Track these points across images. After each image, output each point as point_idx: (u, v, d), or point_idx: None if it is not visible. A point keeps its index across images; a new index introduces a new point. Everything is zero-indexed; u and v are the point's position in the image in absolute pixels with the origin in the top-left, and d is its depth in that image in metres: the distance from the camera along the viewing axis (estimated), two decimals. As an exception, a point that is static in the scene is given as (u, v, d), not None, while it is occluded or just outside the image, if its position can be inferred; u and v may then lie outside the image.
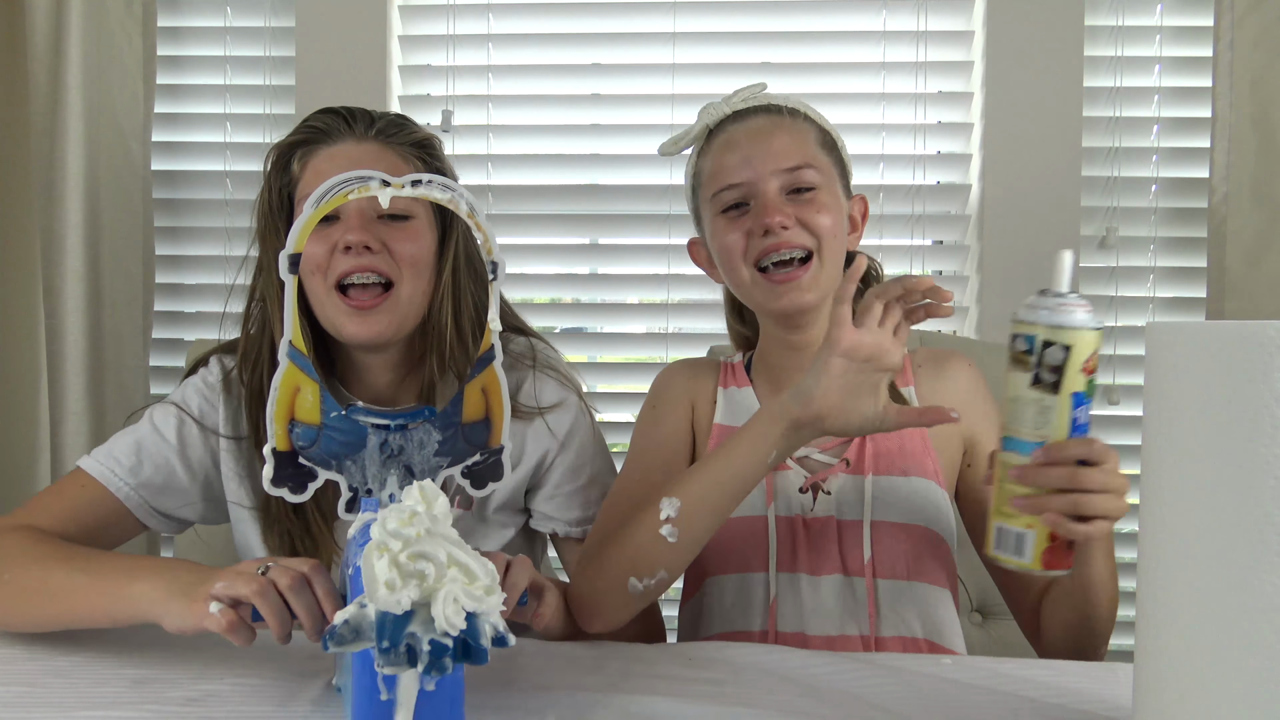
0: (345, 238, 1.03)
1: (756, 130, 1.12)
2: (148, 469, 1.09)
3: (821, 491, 1.12)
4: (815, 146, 1.12)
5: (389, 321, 1.07)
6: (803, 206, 1.09)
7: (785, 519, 1.12)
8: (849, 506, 1.11)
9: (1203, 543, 0.66)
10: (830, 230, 1.09)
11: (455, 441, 0.85)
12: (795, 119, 1.13)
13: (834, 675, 0.88)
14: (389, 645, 0.60)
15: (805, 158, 1.10)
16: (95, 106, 1.70)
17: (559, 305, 1.97)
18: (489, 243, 0.85)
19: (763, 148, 1.10)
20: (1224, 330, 0.65)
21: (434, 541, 0.63)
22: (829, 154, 1.14)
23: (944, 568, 1.13)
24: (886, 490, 1.11)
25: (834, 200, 1.11)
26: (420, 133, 1.16)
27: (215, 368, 1.16)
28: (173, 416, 1.13)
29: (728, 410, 1.19)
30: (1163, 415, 0.68)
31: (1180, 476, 0.67)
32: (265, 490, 0.82)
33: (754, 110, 1.14)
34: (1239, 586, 0.64)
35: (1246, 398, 0.63)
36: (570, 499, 1.19)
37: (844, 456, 1.13)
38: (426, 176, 0.83)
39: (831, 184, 1.12)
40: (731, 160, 1.11)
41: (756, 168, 1.09)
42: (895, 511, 1.11)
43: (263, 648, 0.93)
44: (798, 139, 1.11)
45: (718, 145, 1.14)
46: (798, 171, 1.09)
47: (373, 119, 1.13)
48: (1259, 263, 1.62)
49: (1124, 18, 1.76)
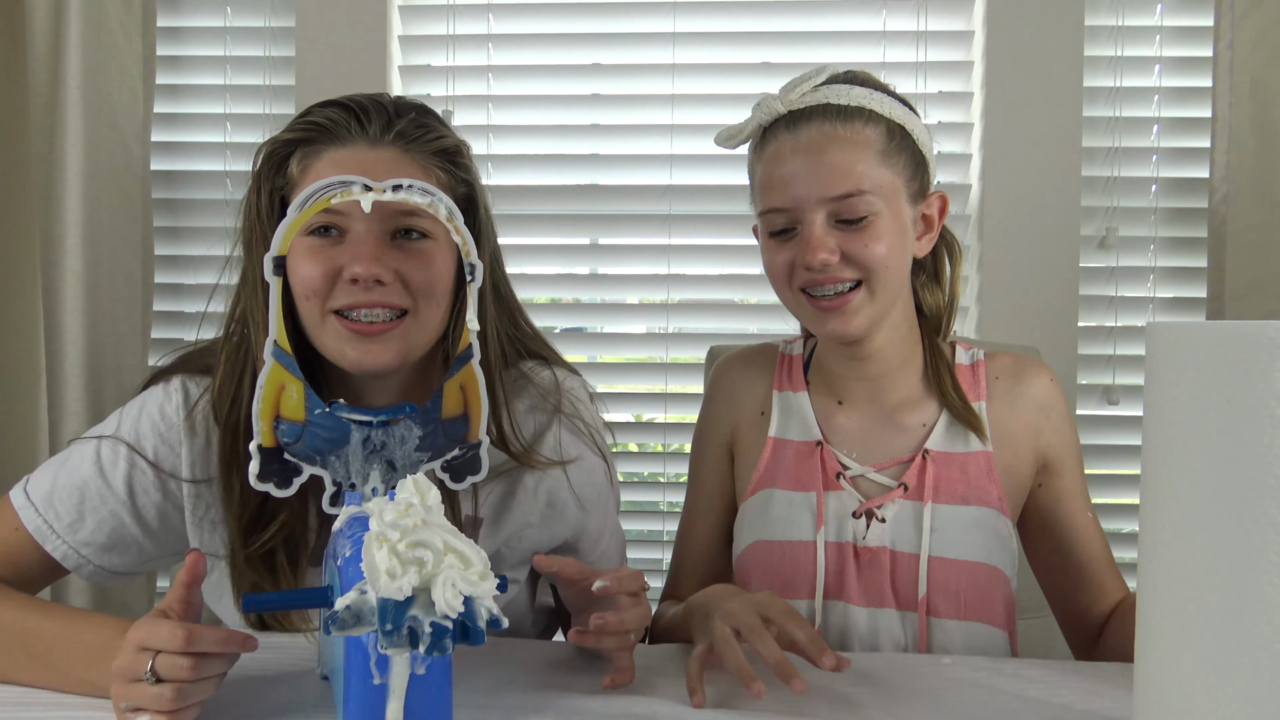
0: (353, 269, 0.88)
1: (807, 145, 1.02)
2: (90, 525, 0.94)
3: (876, 519, 1.06)
4: (874, 159, 1.02)
5: (398, 350, 0.92)
6: (853, 236, 1.02)
7: (835, 545, 1.06)
8: (904, 537, 1.05)
9: (1202, 543, 0.66)
10: (883, 259, 1.02)
11: (435, 437, 0.86)
12: (854, 125, 1.03)
13: (833, 675, 0.88)
14: (392, 628, 0.62)
15: (856, 182, 1.01)
16: (95, 106, 1.70)
17: (559, 305, 1.97)
18: (466, 246, 0.85)
19: (811, 169, 1.02)
20: (1224, 330, 0.65)
21: (430, 531, 0.65)
22: (893, 161, 1.04)
23: (1003, 607, 1.06)
24: (946, 521, 1.05)
25: (892, 222, 1.03)
26: (449, 139, 0.98)
27: (177, 396, 0.98)
28: (123, 460, 0.95)
29: (783, 420, 1.14)
30: (1163, 415, 0.68)
31: (1180, 476, 0.67)
32: (251, 485, 0.82)
33: (810, 113, 1.04)
34: (1238, 586, 0.64)
35: (1246, 398, 0.63)
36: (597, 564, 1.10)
37: (902, 480, 1.07)
38: (407, 181, 0.83)
39: (893, 200, 1.03)
40: (777, 179, 1.04)
41: (801, 194, 1.02)
42: (954, 545, 1.04)
43: (263, 647, 0.93)
44: (853, 155, 1.02)
45: (768, 154, 1.06)
46: (846, 201, 1.01)
47: (390, 117, 0.95)
48: (1259, 263, 1.63)
49: (1124, 18, 1.76)
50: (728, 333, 1.87)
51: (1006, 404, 1.11)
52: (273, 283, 0.81)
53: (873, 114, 1.04)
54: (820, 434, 1.12)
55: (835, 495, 1.08)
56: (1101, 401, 1.77)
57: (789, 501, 1.09)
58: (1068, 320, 1.75)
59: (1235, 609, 0.64)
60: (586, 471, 1.06)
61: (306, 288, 0.91)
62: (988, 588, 1.04)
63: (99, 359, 1.72)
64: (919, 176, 1.07)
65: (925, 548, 1.04)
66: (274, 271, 0.82)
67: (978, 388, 1.12)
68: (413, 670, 0.67)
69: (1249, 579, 0.64)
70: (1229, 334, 0.65)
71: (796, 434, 1.13)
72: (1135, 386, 1.76)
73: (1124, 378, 1.78)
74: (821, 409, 1.14)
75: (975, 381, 1.12)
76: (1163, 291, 1.79)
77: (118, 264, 1.73)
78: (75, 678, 0.82)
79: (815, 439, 1.12)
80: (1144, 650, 0.68)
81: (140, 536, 0.96)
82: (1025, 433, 1.10)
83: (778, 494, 1.10)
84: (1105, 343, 1.78)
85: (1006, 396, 1.11)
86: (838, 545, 1.07)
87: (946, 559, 1.03)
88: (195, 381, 0.99)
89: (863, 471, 1.09)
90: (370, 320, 0.90)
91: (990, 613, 1.05)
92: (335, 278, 0.90)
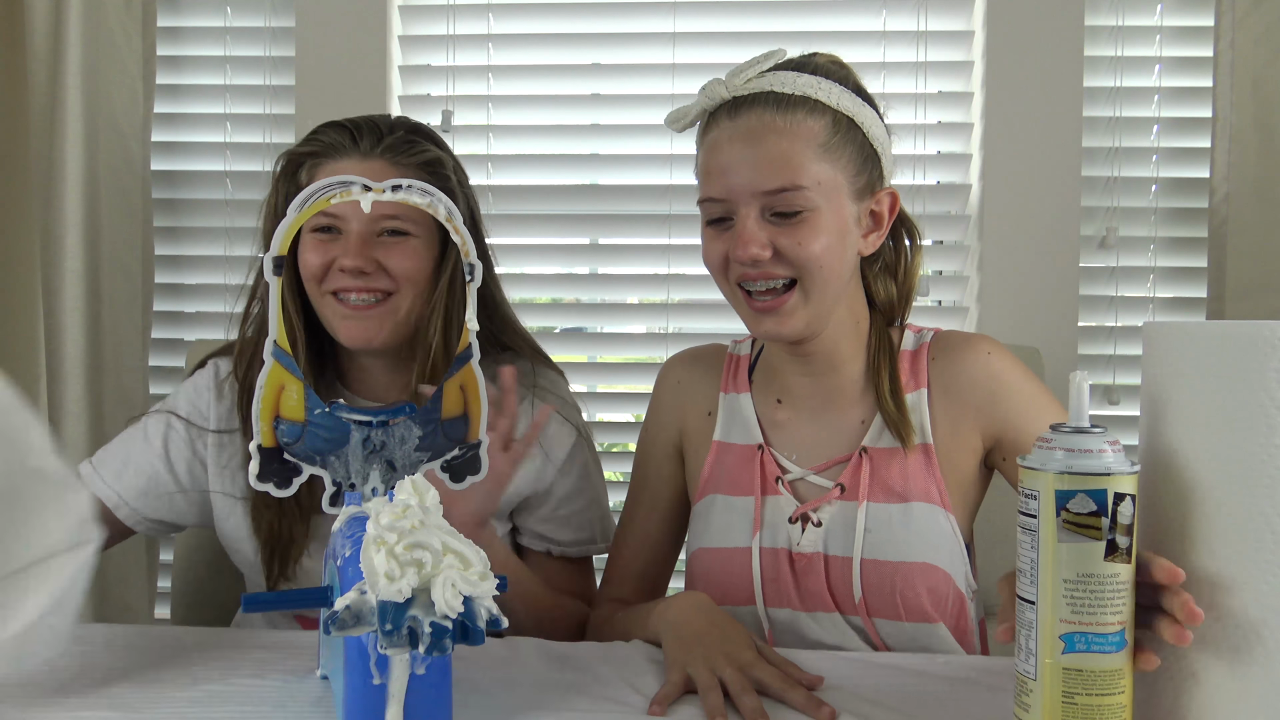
0: (343, 260, 1.08)
1: (746, 134, 0.99)
2: (130, 474, 1.15)
3: (811, 523, 1.04)
4: (814, 152, 0.99)
5: (380, 327, 1.11)
6: (786, 231, 0.98)
7: (771, 551, 1.05)
8: (839, 540, 1.03)
9: (1199, 542, 0.66)
10: (818, 258, 0.98)
11: (435, 437, 0.86)
12: (795, 115, 0.99)
13: (832, 675, 0.88)
14: (392, 628, 0.62)
15: (793, 176, 0.97)
16: (95, 106, 1.70)
17: (559, 305, 1.97)
18: (465, 245, 0.86)
19: (747, 161, 0.98)
20: (1220, 330, 0.65)
21: (428, 532, 0.65)
22: (836, 155, 1.00)
23: (945, 605, 1.02)
24: (881, 521, 1.02)
25: (831, 219, 0.99)
26: (430, 152, 1.15)
27: (210, 370, 1.21)
28: (161, 423, 1.18)
29: (727, 423, 1.13)
30: (1159, 415, 0.68)
31: (1177, 476, 0.67)
32: (251, 486, 0.83)
33: (752, 100, 1.00)
34: (1236, 586, 0.64)
35: (1242, 397, 0.63)
36: (565, 521, 1.21)
37: (839, 481, 1.05)
38: (406, 182, 0.84)
39: (833, 196, 0.99)
40: (715, 167, 1.01)
41: (735, 185, 0.99)
42: (888, 546, 1.02)
43: (263, 647, 0.93)
44: (791, 147, 0.98)
45: (709, 141, 1.03)
46: (781, 195, 0.98)
47: (381, 135, 1.13)
48: (1260, 263, 1.63)
49: (1124, 18, 1.76)
50: (727, 333, 1.85)
51: (943, 390, 1.06)
52: (272, 283, 0.82)
53: (817, 104, 1.00)
54: (761, 437, 1.11)
55: (773, 499, 1.07)
56: (1102, 401, 1.77)
57: (729, 507, 1.09)
58: (1068, 320, 1.75)
59: (1232, 608, 0.64)
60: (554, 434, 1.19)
61: (308, 271, 1.11)
62: (926, 587, 1.01)
63: (99, 359, 1.72)
64: (866, 171, 1.03)
65: (858, 551, 1.02)
66: (274, 271, 0.82)
67: (918, 375, 1.07)
68: (412, 670, 0.68)
69: (1246, 578, 0.64)
70: (1225, 334, 0.65)
71: (739, 437, 1.12)
72: (1135, 386, 1.75)
73: (1124, 378, 1.78)
74: (764, 410, 1.12)
75: (916, 369, 1.08)
76: (1163, 291, 1.79)
77: (118, 264, 1.73)
78: None
79: (756, 442, 1.10)
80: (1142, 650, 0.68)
81: (172, 487, 1.17)
82: (968, 418, 1.05)
83: (719, 499, 1.10)
84: (1105, 343, 1.78)
85: (942, 381, 1.07)
86: (773, 551, 1.05)
87: (880, 560, 1.01)
88: (225, 361, 1.21)
89: (802, 474, 1.07)
90: (359, 302, 1.11)
91: (932, 611, 1.01)
92: (331, 266, 1.10)
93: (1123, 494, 0.64)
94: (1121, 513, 0.64)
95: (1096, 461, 0.65)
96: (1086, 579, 0.64)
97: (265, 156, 1.85)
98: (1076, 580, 0.64)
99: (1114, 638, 0.64)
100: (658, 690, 0.84)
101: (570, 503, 1.21)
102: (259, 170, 1.85)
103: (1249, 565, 0.63)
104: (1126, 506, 0.64)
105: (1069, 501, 0.64)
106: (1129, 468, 0.65)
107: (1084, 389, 0.67)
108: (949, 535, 1.03)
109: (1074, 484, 0.64)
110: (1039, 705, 0.66)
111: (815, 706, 0.80)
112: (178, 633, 0.99)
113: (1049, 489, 0.65)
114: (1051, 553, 0.65)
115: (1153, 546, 0.68)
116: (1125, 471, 0.65)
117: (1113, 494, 0.64)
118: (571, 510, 1.21)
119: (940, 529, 1.03)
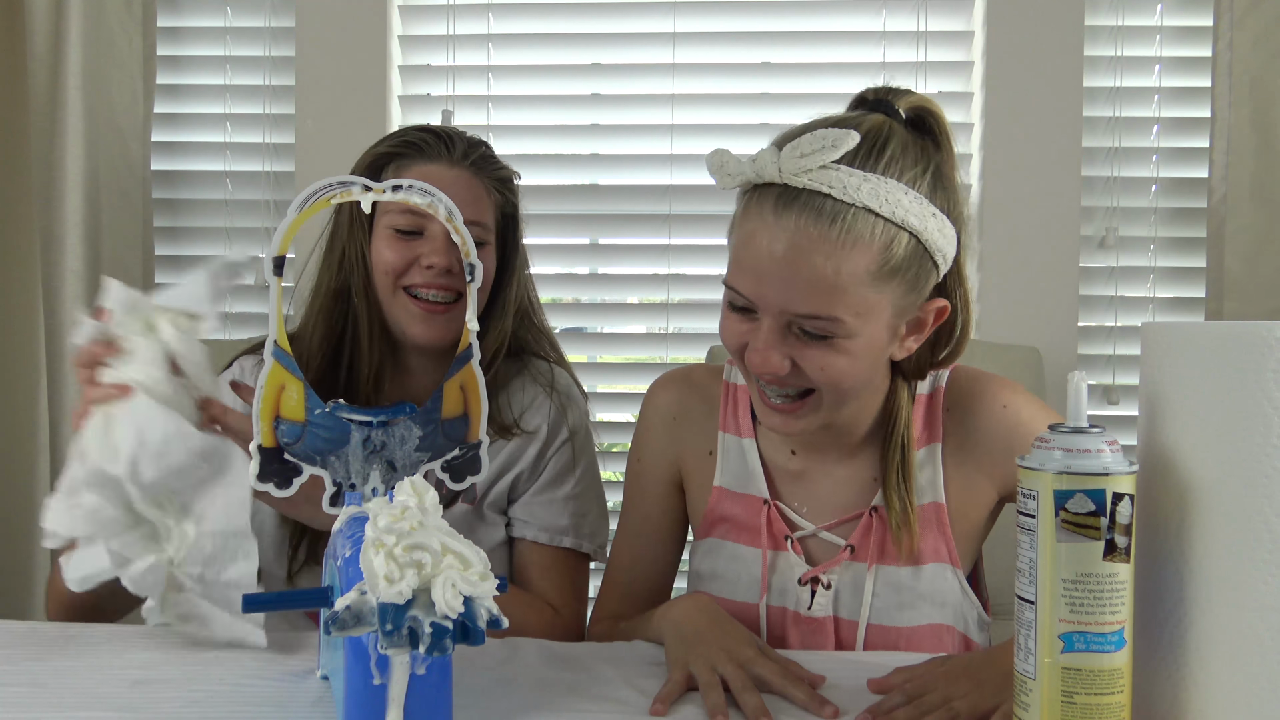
0: (431, 258, 1.12)
1: (788, 245, 0.86)
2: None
3: (821, 586, 1.00)
4: (862, 279, 0.86)
5: (450, 326, 1.15)
6: (811, 352, 0.89)
7: (779, 610, 1.02)
8: (846, 604, 1.00)
9: (1197, 542, 0.66)
10: (842, 380, 0.90)
11: (435, 437, 0.86)
12: (850, 233, 0.85)
13: (833, 675, 0.88)
14: (392, 628, 0.62)
15: (829, 306, 0.86)
16: (95, 106, 1.70)
17: (559, 305, 1.97)
18: (466, 246, 0.86)
19: (783, 276, 0.86)
20: (1218, 331, 0.65)
21: (427, 533, 0.65)
22: (887, 283, 0.87)
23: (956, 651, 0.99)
24: (891, 586, 0.99)
25: (863, 342, 0.89)
26: (506, 170, 1.23)
27: (235, 370, 1.23)
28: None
29: (728, 469, 1.07)
30: (1157, 415, 0.68)
31: (1175, 476, 0.67)
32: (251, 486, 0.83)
33: (805, 201, 0.86)
34: (1234, 586, 0.64)
35: (1240, 398, 0.63)
36: (549, 505, 1.20)
37: (849, 542, 1.01)
38: (406, 182, 0.85)
39: (873, 320, 0.88)
40: (746, 263, 0.89)
41: (765, 295, 0.88)
42: (896, 611, 0.98)
43: (263, 647, 0.93)
44: (837, 273, 0.85)
45: (748, 226, 0.90)
46: (812, 321, 0.87)
47: (468, 147, 1.19)
48: (1259, 263, 1.63)
49: (1124, 18, 1.76)
50: (728, 333, 1.87)
51: (958, 445, 1.01)
52: (272, 283, 0.82)
53: (879, 219, 0.86)
54: (768, 491, 1.05)
55: (783, 557, 1.02)
56: (1102, 401, 1.77)
57: (735, 556, 1.05)
58: (1068, 320, 1.75)
59: (1231, 608, 0.64)
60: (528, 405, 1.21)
61: (387, 267, 1.13)
62: (933, 645, 0.99)
63: (99, 359, 1.71)
64: (919, 288, 0.91)
65: (864, 616, 0.99)
66: (274, 271, 0.82)
67: (933, 428, 1.01)
68: (413, 670, 0.67)
69: (1244, 578, 0.64)
70: (1223, 334, 0.65)
71: (744, 487, 1.07)
72: (1135, 386, 1.76)
73: (1124, 378, 1.78)
74: (773, 457, 1.06)
75: (931, 421, 1.02)
76: (1162, 291, 1.79)
77: (118, 264, 1.73)
78: None
79: (763, 496, 1.05)
80: (1141, 650, 0.68)
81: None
82: (982, 471, 1.01)
83: (726, 546, 1.06)
84: (1105, 343, 1.78)
85: (958, 433, 1.01)
86: (781, 610, 1.02)
87: (886, 626, 0.99)
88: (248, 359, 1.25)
89: (813, 531, 1.03)
90: (436, 300, 1.13)
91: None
92: (412, 264, 1.13)
93: (1121, 494, 0.64)
94: (1120, 512, 0.64)
95: (1095, 461, 0.64)
96: (1085, 579, 0.64)
97: (265, 156, 1.85)
98: (1075, 580, 0.64)
99: (1113, 637, 0.64)
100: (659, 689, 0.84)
101: (560, 485, 1.20)
102: (259, 170, 1.86)
103: (1247, 564, 0.63)
104: (1125, 506, 0.64)
105: (1067, 501, 0.64)
106: (1127, 468, 0.65)
107: (1082, 389, 0.67)
108: (956, 591, 1.01)
109: (1072, 484, 0.64)
110: (1038, 705, 0.66)
111: (819, 704, 0.80)
112: (178, 632, 0.99)
113: (1047, 489, 0.65)
114: (1050, 552, 0.65)
115: (1151, 546, 0.68)
116: (1123, 471, 0.64)
117: (1111, 494, 0.63)
118: (557, 495, 1.20)
119: (949, 587, 1.00)
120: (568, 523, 1.20)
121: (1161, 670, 0.68)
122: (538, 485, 1.21)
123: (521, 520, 1.21)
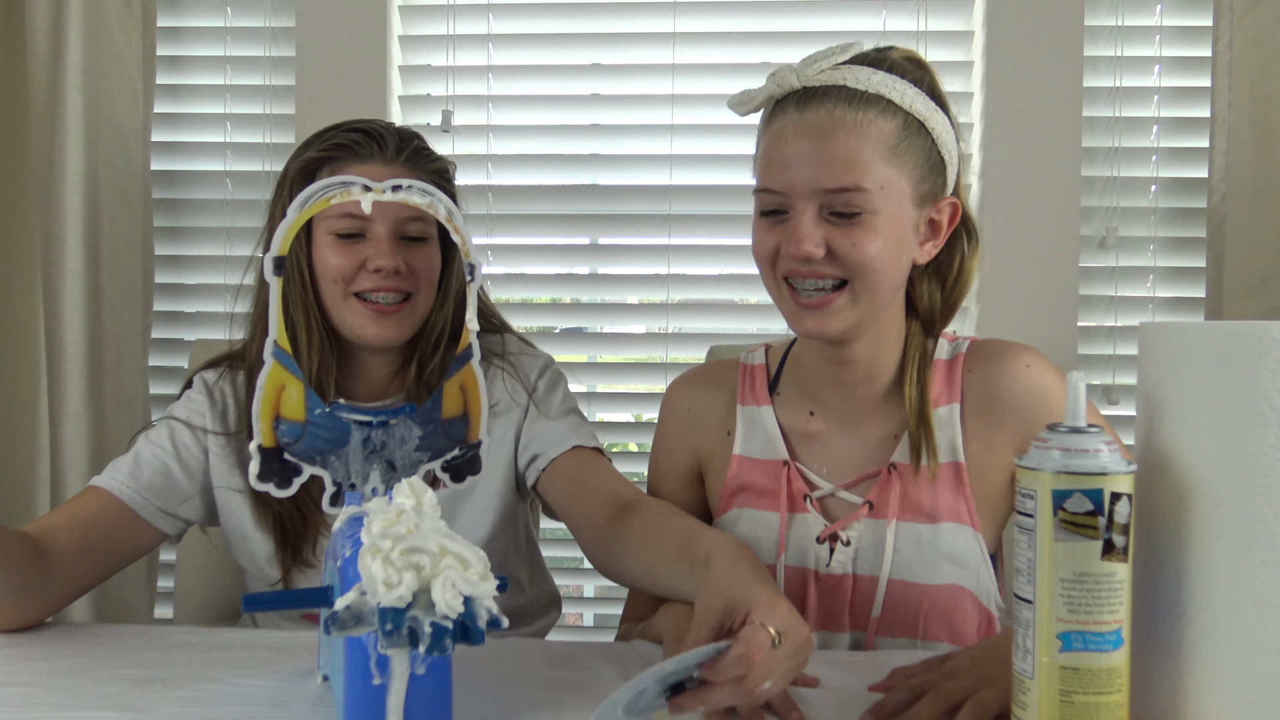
0: (377, 261, 1.11)
1: (813, 128, 0.95)
2: (146, 473, 1.15)
3: (840, 543, 1.02)
4: (882, 154, 0.95)
5: (403, 326, 1.15)
6: (844, 232, 0.95)
7: (797, 570, 1.03)
8: (867, 559, 1.01)
9: (1195, 542, 0.66)
10: (873, 261, 0.95)
11: (435, 437, 0.86)
12: (866, 114, 0.95)
13: (829, 674, 0.88)
14: (392, 628, 0.62)
15: (857, 176, 0.94)
16: (95, 106, 1.70)
17: (559, 305, 1.97)
18: (466, 245, 0.86)
19: (811, 156, 0.95)
20: (1216, 331, 0.65)
21: (424, 535, 0.65)
22: (903, 159, 0.96)
23: (975, 624, 1.01)
24: (910, 542, 1.00)
25: (890, 224, 0.96)
26: (440, 161, 1.22)
27: (198, 383, 1.23)
28: (164, 427, 1.20)
29: (748, 436, 1.10)
30: (1156, 415, 0.68)
31: (1173, 476, 0.67)
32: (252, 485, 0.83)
33: (823, 93, 0.96)
34: (1232, 585, 0.64)
35: (1238, 398, 0.63)
36: (553, 425, 1.20)
37: (867, 498, 1.03)
38: (406, 182, 0.85)
39: (895, 201, 0.96)
40: (776, 159, 0.97)
41: (796, 181, 0.96)
42: (917, 567, 1.00)
43: (263, 647, 0.93)
44: (860, 145, 0.95)
45: (773, 130, 0.99)
46: (842, 194, 0.94)
47: (400, 142, 1.16)
48: (1258, 263, 1.63)
49: (1124, 18, 1.76)
50: (728, 333, 1.87)
51: (978, 405, 1.03)
52: (272, 283, 0.81)
53: (889, 104, 0.96)
54: (787, 451, 1.08)
55: (800, 518, 1.04)
56: (1102, 401, 1.77)
57: (754, 521, 1.07)
58: (1068, 320, 1.75)
59: (1229, 608, 0.64)
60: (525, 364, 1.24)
61: (334, 273, 1.13)
62: (951, 609, 1.00)
63: (99, 359, 1.72)
64: (931, 178, 0.99)
65: (885, 571, 1.00)
66: (274, 271, 0.82)
67: (952, 388, 1.04)
68: (413, 670, 0.68)
69: (1243, 578, 0.64)
70: (1221, 334, 0.65)
71: (762, 452, 1.09)
72: (1134, 386, 1.76)
73: (1124, 377, 1.78)
74: (790, 422, 1.09)
75: (950, 382, 1.05)
76: (1162, 291, 1.79)
77: (118, 264, 1.73)
78: None
79: (781, 458, 1.08)
80: (1140, 650, 0.68)
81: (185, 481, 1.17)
82: (1003, 434, 1.03)
83: (746, 513, 1.08)
84: (1105, 342, 1.78)
85: (978, 395, 1.04)
86: (799, 571, 1.03)
87: (908, 582, 1.00)
88: (208, 372, 1.24)
89: (831, 490, 1.05)
90: (386, 301, 1.13)
91: (955, 632, 1.00)
92: (360, 268, 1.12)
93: (1119, 493, 0.64)
94: (1118, 512, 0.64)
95: (1093, 461, 0.64)
96: (1083, 578, 0.64)
97: (265, 156, 1.85)
98: (1073, 579, 0.64)
99: (1111, 636, 0.65)
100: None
101: (557, 407, 1.22)
102: (259, 170, 1.86)
103: (1245, 564, 0.64)
104: (1123, 506, 0.64)
105: (1066, 501, 0.64)
106: (1125, 467, 0.65)
107: (1080, 389, 0.67)
108: (976, 555, 1.02)
109: (1070, 483, 0.64)
110: (1036, 704, 0.66)
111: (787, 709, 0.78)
112: (178, 632, 0.99)
113: (1046, 488, 0.65)
114: (1048, 552, 0.65)
115: (1149, 546, 0.68)
116: (1122, 471, 0.64)
117: (1109, 493, 0.63)
118: (558, 410, 1.22)
119: (969, 549, 1.01)
120: (569, 433, 1.20)
121: (1159, 669, 0.68)
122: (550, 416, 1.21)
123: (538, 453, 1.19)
